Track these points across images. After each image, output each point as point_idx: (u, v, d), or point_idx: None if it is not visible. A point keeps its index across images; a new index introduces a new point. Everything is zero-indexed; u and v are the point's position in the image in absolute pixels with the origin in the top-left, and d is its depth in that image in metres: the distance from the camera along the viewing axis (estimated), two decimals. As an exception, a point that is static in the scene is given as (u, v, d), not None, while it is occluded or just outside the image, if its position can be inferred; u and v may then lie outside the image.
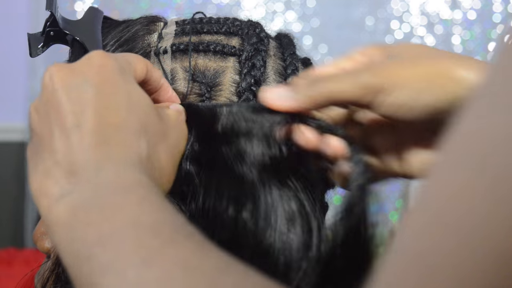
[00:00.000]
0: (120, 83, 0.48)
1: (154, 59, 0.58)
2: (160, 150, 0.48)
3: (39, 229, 0.62)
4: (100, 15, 0.62)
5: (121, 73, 0.48)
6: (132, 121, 0.47)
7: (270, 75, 0.59)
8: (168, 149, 0.49)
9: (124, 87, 0.48)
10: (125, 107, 0.47)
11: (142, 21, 0.62)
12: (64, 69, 0.47)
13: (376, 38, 2.04)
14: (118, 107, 0.46)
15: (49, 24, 0.59)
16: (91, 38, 0.59)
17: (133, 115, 0.47)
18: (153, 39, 0.60)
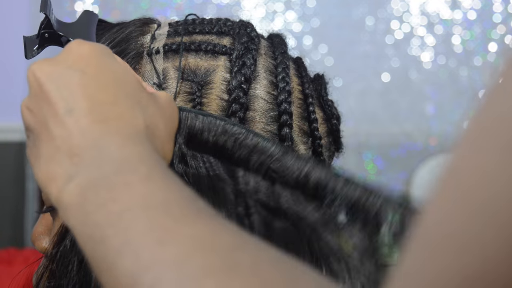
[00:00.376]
0: (103, 63, 0.48)
1: (146, 59, 0.59)
2: (157, 120, 0.49)
3: (37, 229, 0.62)
4: (94, 18, 0.63)
5: (102, 54, 0.49)
6: (123, 96, 0.47)
7: (260, 73, 0.59)
8: (164, 120, 0.50)
9: (108, 65, 0.48)
10: (113, 84, 0.47)
11: (136, 23, 0.63)
12: (45, 62, 0.48)
13: (376, 38, 2.04)
14: (106, 85, 0.47)
15: (43, 26, 0.59)
16: (85, 40, 0.59)
17: (123, 90, 0.47)
18: (146, 40, 0.61)
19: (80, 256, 0.53)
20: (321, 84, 0.65)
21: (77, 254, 0.54)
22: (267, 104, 0.59)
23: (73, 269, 0.54)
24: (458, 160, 0.30)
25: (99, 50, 0.49)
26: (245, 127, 0.54)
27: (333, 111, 0.64)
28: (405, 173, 2.01)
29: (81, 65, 0.47)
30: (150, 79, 0.58)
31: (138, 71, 0.59)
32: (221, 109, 0.57)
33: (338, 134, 0.64)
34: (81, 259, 0.54)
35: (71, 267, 0.54)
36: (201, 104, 0.57)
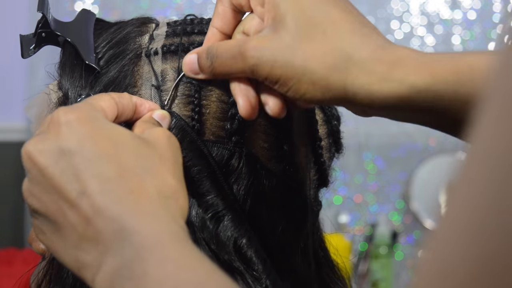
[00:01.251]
0: (97, 132, 0.47)
1: (144, 60, 0.58)
2: (165, 176, 0.48)
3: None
4: (92, 17, 0.62)
5: (92, 121, 0.48)
6: (128, 166, 0.46)
7: None
8: (170, 169, 0.49)
9: (103, 134, 0.47)
10: (114, 154, 0.47)
11: (134, 23, 0.62)
12: (37, 141, 0.47)
13: (376, 38, 2.04)
14: (107, 156, 0.46)
15: (40, 26, 0.59)
16: (82, 40, 0.59)
17: (126, 159, 0.47)
18: (144, 40, 0.60)
19: None
20: None
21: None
22: None
23: (68, 275, 0.54)
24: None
25: (89, 118, 0.48)
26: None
27: (333, 112, 0.64)
28: (405, 173, 2.01)
29: (74, 140, 0.46)
30: (148, 80, 0.57)
31: (136, 73, 0.58)
32: (221, 112, 0.56)
33: (338, 135, 0.64)
34: None
35: (65, 272, 0.54)
36: (201, 106, 0.56)
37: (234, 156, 0.55)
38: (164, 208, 0.46)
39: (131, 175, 0.46)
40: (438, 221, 0.29)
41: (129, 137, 0.49)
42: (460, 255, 0.26)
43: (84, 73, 0.57)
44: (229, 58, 0.51)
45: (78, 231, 0.45)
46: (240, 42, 0.51)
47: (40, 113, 0.60)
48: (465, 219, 0.27)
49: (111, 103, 0.51)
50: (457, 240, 0.27)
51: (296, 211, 0.59)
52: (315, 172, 0.61)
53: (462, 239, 0.26)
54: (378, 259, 1.91)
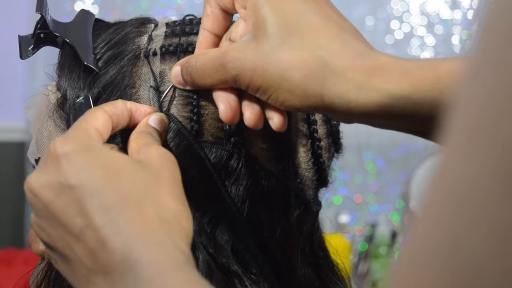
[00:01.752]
0: (94, 163, 0.47)
1: (143, 61, 0.58)
2: (165, 199, 0.48)
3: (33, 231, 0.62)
4: (91, 17, 0.62)
5: (89, 151, 0.48)
6: (127, 194, 0.46)
7: None
8: (169, 191, 0.48)
9: (99, 164, 0.47)
10: (113, 184, 0.47)
11: (133, 23, 0.62)
12: (38, 178, 0.47)
13: (376, 38, 2.04)
14: (107, 188, 0.46)
15: (39, 26, 0.59)
16: (81, 41, 0.59)
17: (124, 187, 0.47)
18: (143, 41, 0.60)
19: None
20: None
21: None
22: None
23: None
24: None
25: (85, 147, 0.48)
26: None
27: None
28: (405, 173, 2.01)
29: (72, 172, 0.46)
30: (147, 81, 0.57)
31: (135, 74, 0.58)
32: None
33: (337, 135, 0.63)
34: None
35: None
36: (199, 107, 0.56)
37: (233, 157, 0.55)
38: (165, 233, 0.46)
39: (130, 203, 0.46)
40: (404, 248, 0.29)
41: (126, 164, 0.48)
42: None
43: (83, 74, 0.57)
44: (210, 70, 0.52)
45: (86, 264, 0.45)
46: (219, 53, 0.51)
47: (39, 114, 0.60)
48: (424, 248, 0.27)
49: (105, 119, 0.51)
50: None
51: (296, 211, 0.59)
52: (315, 172, 0.61)
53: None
54: (378, 259, 1.91)
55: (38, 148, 0.59)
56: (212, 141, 0.56)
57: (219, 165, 0.55)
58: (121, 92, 0.56)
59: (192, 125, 0.55)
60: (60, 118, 0.58)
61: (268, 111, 0.52)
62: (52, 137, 0.58)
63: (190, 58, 0.54)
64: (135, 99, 0.56)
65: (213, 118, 0.56)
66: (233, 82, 0.51)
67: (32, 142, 0.60)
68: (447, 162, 0.28)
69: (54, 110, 0.58)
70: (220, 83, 0.52)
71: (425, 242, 0.27)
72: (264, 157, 0.57)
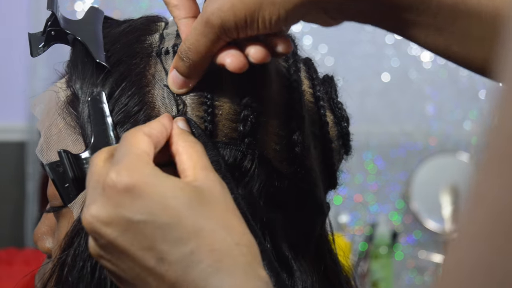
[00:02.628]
0: (160, 194, 0.46)
1: (156, 59, 0.58)
2: (235, 225, 0.47)
3: (40, 229, 0.61)
4: (100, 15, 0.62)
5: (151, 181, 0.47)
6: (200, 224, 0.46)
7: (272, 76, 0.58)
8: (236, 216, 0.48)
9: (166, 195, 0.46)
10: (182, 216, 0.46)
11: (143, 21, 0.61)
12: (100, 214, 0.46)
13: (376, 38, 2.04)
14: (177, 220, 0.45)
15: (50, 24, 0.58)
16: (92, 38, 0.58)
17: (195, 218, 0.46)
18: (154, 39, 0.59)
19: (93, 260, 0.53)
20: (331, 86, 0.63)
21: (90, 259, 0.53)
22: (279, 107, 0.57)
23: (88, 274, 0.53)
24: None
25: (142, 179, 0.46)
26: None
27: (343, 113, 0.63)
28: (405, 173, 2.01)
29: (139, 208, 0.45)
30: (160, 80, 0.56)
31: (148, 72, 0.57)
32: (234, 113, 0.55)
33: (348, 137, 0.63)
34: (94, 263, 0.53)
35: (85, 272, 0.53)
36: (213, 107, 0.55)
37: (246, 158, 0.55)
38: (244, 261, 0.45)
39: (205, 234, 0.45)
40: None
41: (192, 193, 0.48)
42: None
43: (95, 71, 0.56)
44: (199, 37, 0.52)
45: None
46: (198, 19, 0.52)
47: (48, 111, 0.59)
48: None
49: (148, 141, 0.50)
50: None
51: (308, 213, 0.59)
52: (325, 174, 0.61)
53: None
54: (378, 259, 1.91)
55: (48, 146, 0.58)
56: (226, 141, 0.55)
57: (232, 166, 0.54)
58: (134, 89, 0.56)
59: (206, 125, 0.55)
60: (70, 116, 0.57)
61: (246, 49, 0.53)
62: (62, 135, 0.57)
63: (179, 49, 0.54)
64: (149, 98, 0.56)
65: (227, 119, 0.55)
66: (223, 33, 0.51)
67: (41, 140, 0.59)
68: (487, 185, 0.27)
69: (64, 108, 0.57)
70: (214, 43, 0.52)
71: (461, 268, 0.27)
72: (277, 159, 0.57)
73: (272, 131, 0.56)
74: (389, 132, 2.05)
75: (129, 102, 0.55)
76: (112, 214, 0.46)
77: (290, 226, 0.57)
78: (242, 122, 0.55)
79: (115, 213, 0.46)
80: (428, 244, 2.02)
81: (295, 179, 0.57)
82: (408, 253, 2.04)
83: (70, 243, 0.55)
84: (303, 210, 0.59)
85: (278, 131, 0.57)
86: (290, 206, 0.57)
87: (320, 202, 0.60)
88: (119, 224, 0.45)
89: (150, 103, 0.55)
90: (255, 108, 0.55)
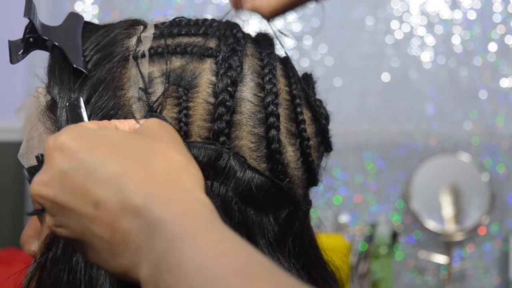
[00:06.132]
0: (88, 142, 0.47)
1: (132, 62, 0.58)
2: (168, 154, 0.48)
3: (26, 232, 0.62)
4: (80, 20, 0.62)
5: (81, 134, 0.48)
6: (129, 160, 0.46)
7: (247, 75, 0.59)
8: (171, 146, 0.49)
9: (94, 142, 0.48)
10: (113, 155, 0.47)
11: (122, 25, 0.62)
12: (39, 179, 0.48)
13: (376, 38, 2.04)
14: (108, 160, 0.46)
15: (28, 31, 0.59)
16: (70, 44, 0.59)
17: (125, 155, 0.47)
18: (131, 43, 0.60)
19: (70, 264, 0.53)
20: (309, 83, 0.64)
21: (67, 262, 0.54)
22: (254, 106, 0.58)
23: (64, 277, 0.54)
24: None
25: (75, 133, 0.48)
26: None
27: (322, 111, 0.63)
28: (405, 173, 2.01)
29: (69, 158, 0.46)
30: (136, 83, 0.57)
31: (124, 76, 0.58)
32: (208, 113, 0.56)
33: (327, 134, 0.63)
34: (70, 267, 0.54)
35: (63, 275, 0.54)
36: (187, 108, 0.56)
37: (221, 157, 0.55)
38: (178, 186, 0.45)
39: (135, 167, 0.46)
40: None
41: (121, 135, 0.49)
42: None
43: (73, 76, 0.57)
44: None
45: (107, 239, 0.45)
46: None
47: (30, 116, 0.60)
48: None
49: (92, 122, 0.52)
50: None
51: (285, 210, 0.59)
52: (304, 171, 0.61)
53: None
54: (378, 259, 1.91)
55: (29, 150, 0.59)
56: (200, 141, 0.56)
57: (207, 165, 0.55)
58: (110, 93, 0.56)
59: (181, 126, 0.55)
60: (50, 120, 0.58)
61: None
62: (42, 139, 0.58)
63: None
64: (124, 101, 0.57)
65: (201, 119, 0.56)
66: None
67: (23, 144, 0.60)
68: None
69: (44, 113, 0.58)
70: None
71: None
72: (252, 156, 0.57)
73: (247, 130, 0.57)
74: (389, 132, 2.05)
75: (105, 106, 0.56)
76: (49, 174, 0.47)
77: (267, 223, 0.58)
78: (217, 121, 0.56)
79: (51, 171, 0.47)
80: (428, 244, 2.02)
81: (272, 176, 0.58)
82: (408, 253, 2.03)
83: (49, 247, 0.56)
84: (280, 207, 0.59)
85: (252, 129, 0.58)
86: (266, 203, 0.58)
87: (299, 199, 0.61)
88: (54, 180, 0.46)
89: (125, 106, 0.56)
90: (229, 106, 0.56)
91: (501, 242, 2.02)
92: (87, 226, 0.46)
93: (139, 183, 0.45)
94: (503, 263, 2.02)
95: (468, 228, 1.95)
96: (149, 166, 0.46)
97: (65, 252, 0.54)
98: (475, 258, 2.02)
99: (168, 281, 0.41)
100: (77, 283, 0.54)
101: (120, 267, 0.45)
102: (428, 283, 2.04)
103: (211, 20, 0.63)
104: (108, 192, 0.45)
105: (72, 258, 0.54)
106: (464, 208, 1.95)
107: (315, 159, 0.62)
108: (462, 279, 2.03)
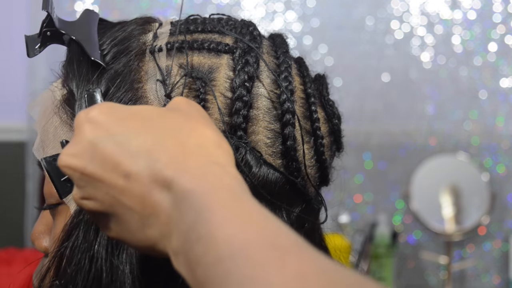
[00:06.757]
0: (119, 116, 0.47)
1: (149, 56, 0.59)
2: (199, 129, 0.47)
3: (37, 228, 0.62)
4: (95, 16, 0.63)
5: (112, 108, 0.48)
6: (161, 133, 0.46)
7: (263, 72, 0.59)
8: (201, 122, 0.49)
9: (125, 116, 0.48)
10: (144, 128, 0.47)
11: (138, 21, 0.63)
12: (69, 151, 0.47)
13: (376, 38, 2.04)
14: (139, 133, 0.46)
15: (45, 25, 0.59)
16: (87, 38, 0.59)
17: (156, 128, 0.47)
18: (148, 38, 0.61)
19: (91, 251, 0.54)
20: (322, 84, 0.65)
21: (88, 250, 0.54)
22: (270, 102, 0.59)
23: (86, 265, 0.54)
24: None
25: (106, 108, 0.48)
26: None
27: (334, 111, 0.64)
28: (405, 173, 2.01)
29: (101, 130, 0.46)
30: (153, 76, 0.58)
31: (141, 69, 0.58)
32: (225, 107, 0.57)
33: (339, 134, 0.64)
34: (92, 254, 0.54)
35: (83, 263, 0.54)
36: (205, 100, 0.56)
37: (238, 151, 0.56)
38: (210, 160, 0.45)
39: (168, 140, 0.46)
40: None
41: (153, 110, 0.49)
42: None
43: (91, 69, 0.58)
44: None
45: (137, 211, 0.45)
46: None
47: (44, 110, 0.60)
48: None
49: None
50: None
51: (298, 207, 0.60)
52: (317, 169, 0.62)
53: None
54: (378, 259, 1.91)
55: (44, 144, 0.59)
56: None
57: None
58: (128, 85, 0.57)
59: None
60: (66, 114, 0.58)
61: None
62: (58, 133, 0.58)
63: None
64: (141, 93, 0.57)
65: (219, 113, 0.57)
66: None
67: (38, 139, 0.60)
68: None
69: (60, 106, 0.59)
70: None
71: None
72: (268, 152, 0.58)
73: (263, 125, 0.58)
74: (389, 132, 2.05)
75: (123, 98, 0.56)
76: (79, 146, 0.47)
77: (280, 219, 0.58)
78: (234, 116, 0.56)
79: (80, 143, 0.47)
80: (428, 244, 2.02)
81: (286, 172, 0.58)
82: (408, 253, 2.03)
83: (68, 236, 0.56)
84: (293, 204, 0.59)
85: (269, 125, 0.58)
86: (280, 199, 0.58)
87: (310, 197, 0.61)
88: (85, 151, 0.46)
89: (143, 98, 0.57)
90: (246, 101, 0.56)
91: (501, 242, 2.02)
92: (117, 198, 0.45)
93: (171, 155, 0.44)
94: (503, 263, 2.02)
95: (468, 228, 1.95)
96: (181, 140, 0.46)
97: (86, 239, 0.54)
98: (475, 258, 2.02)
99: (197, 251, 0.40)
100: (99, 270, 0.54)
101: (149, 240, 0.45)
102: (428, 283, 2.04)
103: (227, 18, 0.64)
104: (140, 164, 0.44)
105: (94, 246, 0.54)
106: (464, 208, 1.95)
107: (328, 158, 0.62)
108: (462, 279, 2.03)
